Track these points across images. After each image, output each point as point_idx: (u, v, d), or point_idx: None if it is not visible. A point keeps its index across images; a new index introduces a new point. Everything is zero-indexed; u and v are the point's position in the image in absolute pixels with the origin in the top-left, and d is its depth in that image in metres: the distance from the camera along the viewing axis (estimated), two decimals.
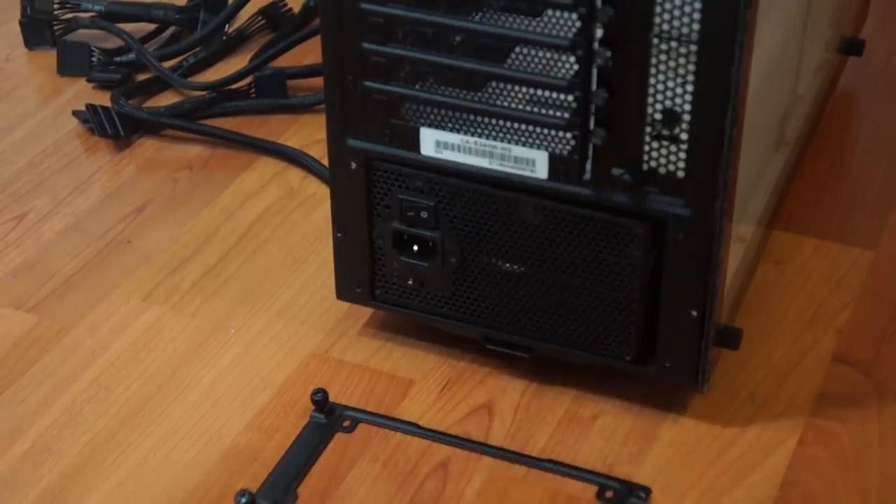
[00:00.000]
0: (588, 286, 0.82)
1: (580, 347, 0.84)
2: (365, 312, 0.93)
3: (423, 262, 0.85)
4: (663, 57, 0.73)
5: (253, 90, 1.17)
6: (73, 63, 1.21)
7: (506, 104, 0.79)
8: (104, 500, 0.81)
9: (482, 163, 0.80)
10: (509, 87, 0.78)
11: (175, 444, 0.84)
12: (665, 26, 0.72)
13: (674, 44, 0.73)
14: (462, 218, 0.83)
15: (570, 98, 0.77)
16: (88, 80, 1.20)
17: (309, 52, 1.20)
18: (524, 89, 0.78)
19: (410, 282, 0.87)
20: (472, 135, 0.80)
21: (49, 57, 1.23)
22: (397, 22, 0.79)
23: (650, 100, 0.75)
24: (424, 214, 0.84)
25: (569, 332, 0.84)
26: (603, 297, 0.82)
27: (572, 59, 0.76)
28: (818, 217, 1.02)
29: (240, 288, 0.97)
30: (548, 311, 0.84)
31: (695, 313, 0.80)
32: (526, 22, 0.77)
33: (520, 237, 0.82)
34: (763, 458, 0.82)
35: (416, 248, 0.86)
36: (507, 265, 0.84)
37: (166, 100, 1.18)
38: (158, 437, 0.85)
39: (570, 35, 0.75)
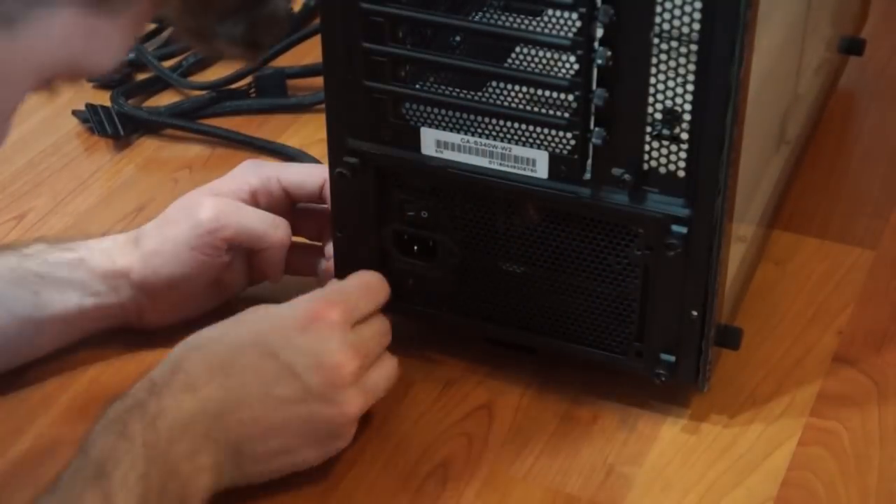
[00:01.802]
0: (589, 286, 0.82)
1: (585, 346, 0.84)
2: None
3: (423, 263, 0.85)
4: (664, 56, 0.73)
5: (253, 90, 1.17)
6: None
7: (506, 104, 0.79)
8: None
9: (482, 162, 0.80)
10: (509, 86, 0.78)
11: None
12: (665, 26, 0.72)
13: (674, 43, 0.73)
14: (463, 218, 0.83)
15: (571, 98, 0.77)
16: (88, 80, 1.20)
17: (309, 52, 1.19)
18: (524, 89, 0.78)
19: (411, 282, 0.86)
20: (473, 134, 0.80)
21: None
22: (397, 21, 0.79)
23: (650, 99, 0.75)
24: (425, 214, 0.83)
25: (570, 331, 0.84)
26: (604, 297, 0.82)
27: (572, 58, 0.76)
28: (819, 217, 1.02)
29: None
30: (549, 310, 0.84)
31: (695, 313, 0.80)
32: (526, 21, 0.77)
33: (521, 237, 0.82)
34: (763, 457, 0.82)
35: (416, 248, 0.85)
36: (509, 265, 0.83)
37: (166, 99, 1.18)
38: None
39: (570, 34, 0.75)
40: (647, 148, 0.76)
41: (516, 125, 0.79)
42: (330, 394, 0.77)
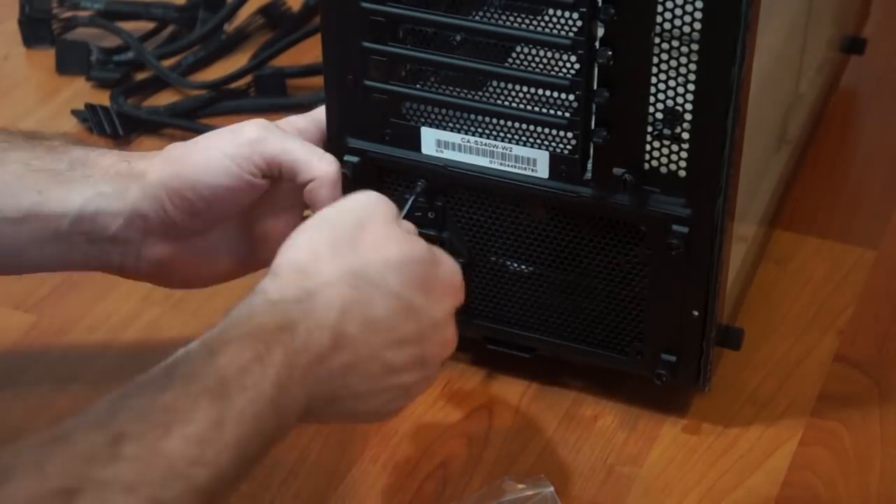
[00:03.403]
0: (593, 285, 0.82)
1: (585, 346, 0.84)
2: None
3: None
4: (665, 56, 0.73)
5: (252, 89, 1.17)
6: (72, 62, 1.21)
7: (506, 104, 0.78)
8: None
9: (483, 162, 0.80)
10: (510, 86, 0.78)
11: None
12: (667, 25, 0.72)
13: (675, 42, 0.72)
14: (469, 218, 0.83)
15: (571, 97, 0.76)
16: (87, 79, 1.20)
17: (309, 52, 1.19)
18: (525, 89, 0.78)
19: None
20: (473, 134, 0.80)
21: (48, 55, 1.23)
22: (398, 21, 0.79)
23: (652, 99, 0.74)
24: (431, 215, 0.83)
25: (571, 331, 0.84)
26: (606, 297, 0.82)
27: (573, 58, 0.75)
28: (820, 216, 1.02)
29: (240, 287, 0.96)
30: (554, 309, 0.84)
31: (696, 313, 0.80)
32: (527, 21, 0.77)
33: (526, 236, 0.82)
34: (764, 458, 0.82)
35: None
36: (515, 264, 0.83)
37: (165, 99, 1.17)
38: None
39: (571, 34, 0.75)
40: (648, 147, 0.76)
41: (517, 125, 0.79)
42: (434, 366, 0.73)
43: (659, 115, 0.75)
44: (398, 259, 0.70)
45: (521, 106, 0.78)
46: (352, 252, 0.70)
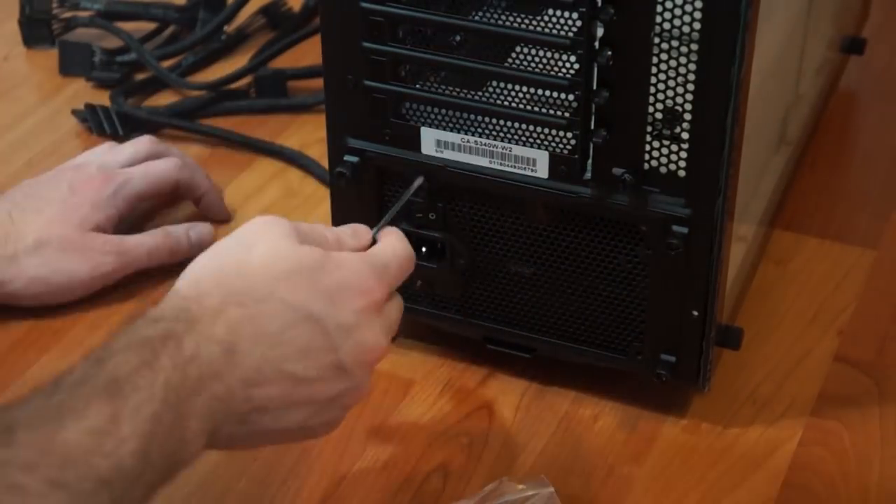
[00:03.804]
0: (593, 285, 0.82)
1: (585, 346, 0.84)
2: None
3: (432, 264, 0.85)
4: (664, 56, 0.73)
5: (253, 90, 1.17)
6: (74, 63, 1.21)
7: (506, 104, 0.78)
8: None
9: (483, 162, 0.80)
10: (510, 86, 0.78)
11: None
12: (666, 25, 0.72)
13: (675, 43, 0.73)
14: (470, 218, 0.83)
15: (571, 97, 0.76)
16: (88, 80, 1.20)
17: (309, 52, 1.19)
18: (525, 88, 0.78)
19: (419, 284, 0.86)
20: (473, 134, 0.80)
21: (48, 56, 1.23)
22: (397, 21, 0.79)
23: (651, 99, 0.74)
24: (433, 216, 0.83)
25: (571, 331, 0.84)
26: (606, 297, 0.82)
27: (573, 58, 0.75)
28: (819, 217, 1.02)
29: None
30: (554, 309, 0.84)
31: (696, 313, 0.80)
32: (527, 21, 0.77)
33: (526, 236, 0.82)
34: (764, 458, 0.82)
35: (424, 249, 0.85)
36: (515, 264, 0.83)
37: (166, 99, 1.17)
38: None
39: (570, 34, 0.75)
40: (647, 148, 0.76)
41: (516, 125, 0.79)
42: (359, 372, 0.72)
43: (659, 115, 0.75)
44: (287, 270, 0.70)
45: (521, 106, 0.78)
46: (236, 276, 0.69)
